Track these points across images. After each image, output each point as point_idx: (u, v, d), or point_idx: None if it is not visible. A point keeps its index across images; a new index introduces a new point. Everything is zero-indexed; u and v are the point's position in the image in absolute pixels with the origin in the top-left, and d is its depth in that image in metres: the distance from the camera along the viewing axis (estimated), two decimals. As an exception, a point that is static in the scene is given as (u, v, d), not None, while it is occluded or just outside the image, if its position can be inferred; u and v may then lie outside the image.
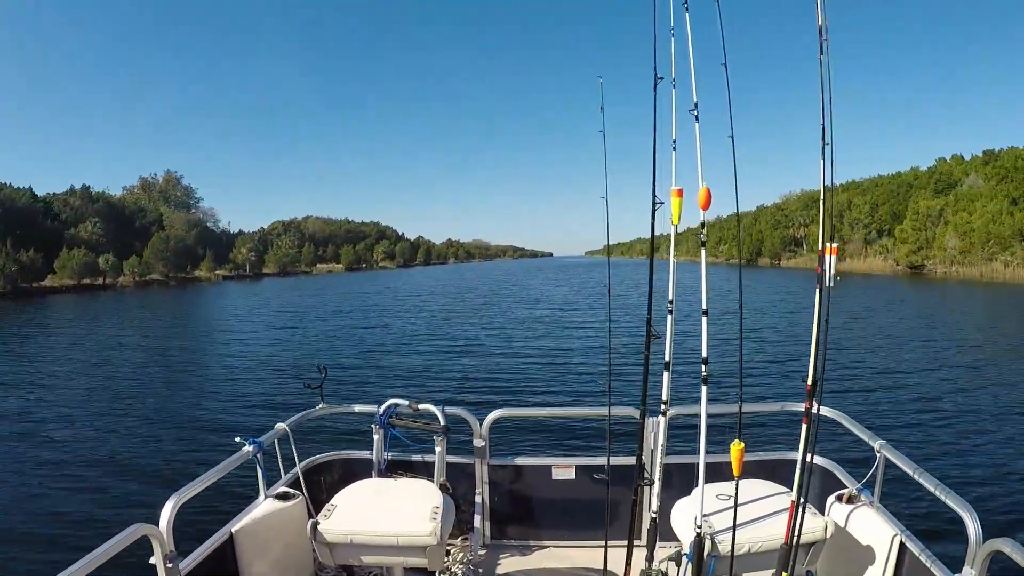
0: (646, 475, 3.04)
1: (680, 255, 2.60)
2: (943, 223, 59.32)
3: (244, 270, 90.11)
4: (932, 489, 2.46)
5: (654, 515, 2.84)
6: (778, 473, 3.15)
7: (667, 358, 2.72)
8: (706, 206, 2.47)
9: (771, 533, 2.50)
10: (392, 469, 3.54)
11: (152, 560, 2.23)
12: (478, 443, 3.54)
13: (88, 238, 69.54)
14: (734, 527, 2.41)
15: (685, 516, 2.65)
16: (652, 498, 2.90)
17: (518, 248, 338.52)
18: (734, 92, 2.53)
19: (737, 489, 2.44)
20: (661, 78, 2.65)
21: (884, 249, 68.20)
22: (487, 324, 24.23)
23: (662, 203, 2.65)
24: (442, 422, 3.39)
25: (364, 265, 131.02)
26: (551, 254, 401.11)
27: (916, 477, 2.58)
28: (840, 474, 3.24)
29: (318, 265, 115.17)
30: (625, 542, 2.95)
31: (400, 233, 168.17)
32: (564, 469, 3.61)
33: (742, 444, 2.45)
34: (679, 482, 3.18)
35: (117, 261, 68.05)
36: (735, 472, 2.44)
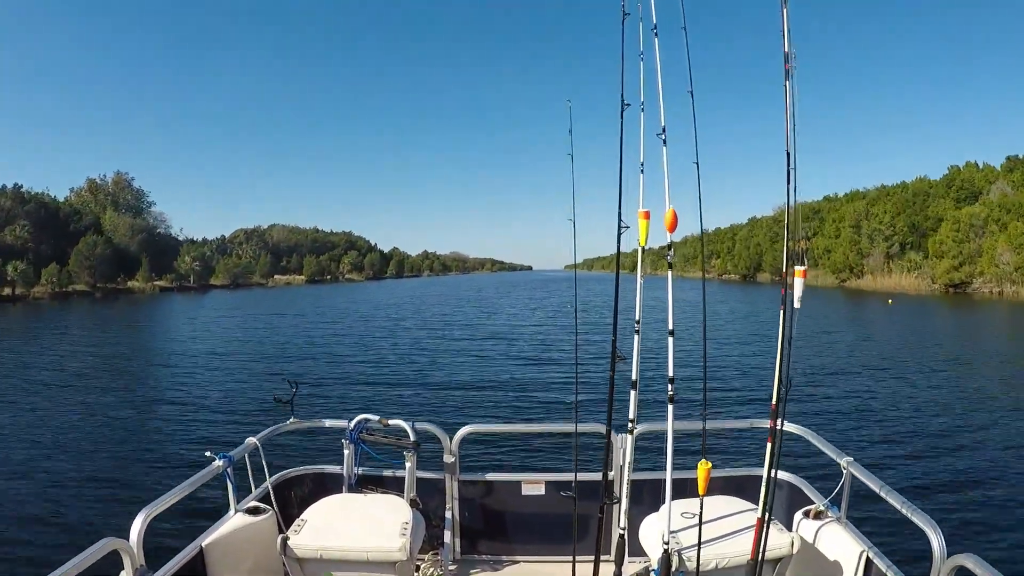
0: (614, 491, 3.35)
1: (659, 272, 2.90)
2: (989, 235, 54.75)
3: (188, 281, 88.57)
4: (898, 506, 2.78)
5: (622, 531, 3.17)
6: (747, 489, 3.48)
7: (634, 377, 3.07)
8: (673, 228, 2.78)
9: (738, 549, 2.82)
10: (362, 484, 3.84)
11: (122, 574, 2.48)
12: (448, 459, 3.85)
13: (14, 242, 68.41)
14: (699, 544, 2.71)
15: (653, 532, 2.96)
16: (620, 514, 3.23)
17: (497, 261, 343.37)
18: (708, 114, 2.84)
19: (702, 507, 2.74)
20: (628, 104, 2.98)
21: (914, 264, 63.92)
22: (457, 341, 24.90)
23: (627, 227, 2.99)
24: (412, 438, 3.72)
25: (328, 277, 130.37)
26: (530, 267, 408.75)
27: (882, 494, 2.91)
28: (808, 490, 3.60)
29: (275, 276, 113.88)
30: (593, 557, 3.27)
31: (373, 244, 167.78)
32: (534, 485, 3.92)
33: (709, 464, 2.76)
34: (648, 498, 3.49)
35: (29, 269, 65.38)
36: (701, 491, 2.73)
